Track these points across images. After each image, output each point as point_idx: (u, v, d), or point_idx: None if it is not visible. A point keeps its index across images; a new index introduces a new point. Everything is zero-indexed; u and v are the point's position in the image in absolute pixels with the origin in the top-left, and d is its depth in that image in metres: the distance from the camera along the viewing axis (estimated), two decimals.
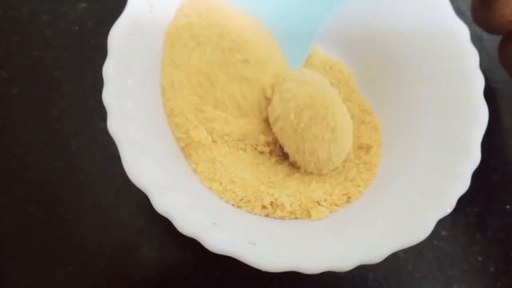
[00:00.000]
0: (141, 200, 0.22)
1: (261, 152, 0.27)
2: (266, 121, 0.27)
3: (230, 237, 0.21)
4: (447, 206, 0.22)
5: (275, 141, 0.27)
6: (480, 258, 0.29)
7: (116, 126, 0.22)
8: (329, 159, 0.26)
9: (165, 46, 0.26)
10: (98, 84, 0.23)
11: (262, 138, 0.27)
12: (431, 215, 0.22)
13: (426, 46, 0.27)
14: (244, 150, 0.26)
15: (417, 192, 0.24)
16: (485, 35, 0.36)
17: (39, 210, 0.28)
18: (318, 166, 0.26)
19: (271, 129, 0.27)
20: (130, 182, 0.21)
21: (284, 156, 0.28)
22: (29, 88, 0.31)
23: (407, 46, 0.28)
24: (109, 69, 0.23)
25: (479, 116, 0.24)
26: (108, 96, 0.22)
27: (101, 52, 0.24)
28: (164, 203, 0.21)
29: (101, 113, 0.22)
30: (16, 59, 0.32)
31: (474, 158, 0.23)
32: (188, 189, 0.24)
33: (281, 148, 0.27)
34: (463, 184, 0.23)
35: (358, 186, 0.26)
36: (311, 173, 0.27)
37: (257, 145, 0.27)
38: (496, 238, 0.30)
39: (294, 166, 0.27)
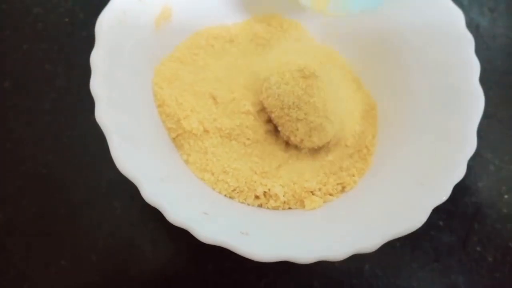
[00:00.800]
0: (134, 193, 0.22)
1: (255, 141, 0.27)
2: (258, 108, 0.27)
3: (221, 228, 0.21)
4: (443, 194, 0.22)
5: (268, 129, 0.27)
6: (478, 249, 0.29)
7: (104, 115, 0.21)
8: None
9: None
10: (90, 76, 0.22)
11: (253, 130, 0.27)
12: (427, 202, 0.21)
13: (422, 33, 0.26)
14: (236, 140, 0.26)
15: (412, 180, 0.23)
16: (482, 23, 0.36)
17: (32, 204, 0.28)
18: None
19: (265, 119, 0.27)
20: (122, 175, 0.21)
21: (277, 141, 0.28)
22: (21, 81, 0.31)
23: (403, 33, 0.27)
24: (96, 58, 0.23)
25: (475, 104, 0.23)
26: (96, 86, 0.22)
27: (93, 45, 0.23)
28: (154, 194, 0.20)
29: (93, 106, 0.22)
30: (8, 52, 0.32)
31: (470, 146, 0.23)
32: (179, 180, 0.23)
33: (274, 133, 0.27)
34: (459, 172, 0.22)
35: (353, 175, 0.26)
36: (305, 157, 0.27)
37: (248, 138, 0.27)
38: (494, 228, 0.30)
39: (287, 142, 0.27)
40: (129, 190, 0.28)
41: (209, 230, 0.20)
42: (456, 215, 0.30)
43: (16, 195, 0.28)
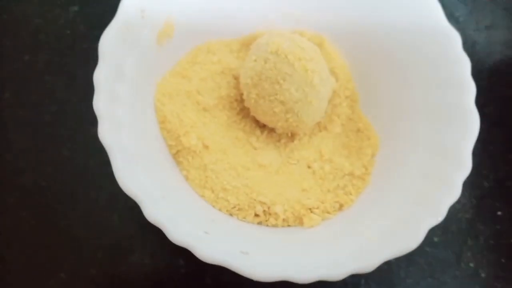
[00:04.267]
0: (133, 205, 0.22)
1: (255, 149, 0.28)
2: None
3: (222, 247, 0.21)
4: (439, 214, 0.22)
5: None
6: (471, 264, 0.30)
7: (106, 134, 0.21)
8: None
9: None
10: (90, 88, 0.23)
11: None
12: (423, 224, 0.22)
13: (419, 53, 0.27)
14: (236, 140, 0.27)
15: (408, 200, 0.24)
16: (479, 40, 0.37)
17: (31, 216, 0.28)
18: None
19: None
20: (122, 189, 0.21)
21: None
22: (21, 92, 0.31)
23: (400, 52, 0.28)
24: (100, 76, 0.23)
25: (470, 125, 0.24)
26: (99, 104, 0.22)
27: (94, 56, 0.23)
28: (156, 212, 0.21)
29: (93, 118, 0.22)
30: (8, 62, 0.32)
31: (465, 167, 0.23)
32: (180, 198, 0.24)
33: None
34: (454, 193, 0.23)
35: (350, 194, 0.26)
36: (305, 178, 0.27)
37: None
38: (488, 244, 0.30)
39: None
40: (128, 203, 0.28)
41: (209, 250, 0.20)
42: (451, 231, 0.30)
43: (16, 207, 0.28)
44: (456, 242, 0.30)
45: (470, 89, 0.25)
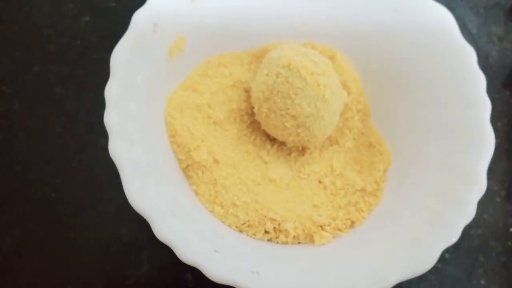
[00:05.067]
0: (142, 218, 0.22)
1: (265, 162, 0.28)
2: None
3: (232, 266, 0.21)
4: (453, 235, 0.22)
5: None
6: (483, 282, 0.29)
7: (118, 150, 0.21)
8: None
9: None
10: (100, 99, 0.22)
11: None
12: (437, 244, 0.22)
13: (433, 69, 0.26)
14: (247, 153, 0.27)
15: (422, 220, 0.23)
16: (491, 52, 0.36)
17: (40, 228, 0.28)
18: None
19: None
20: None
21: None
22: (31, 103, 0.31)
23: (414, 67, 0.27)
24: (111, 91, 0.23)
25: (486, 144, 0.23)
26: (110, 119, 0.22)
27: (104, 68, 0.23)
28: (166, 231, 0.20)
29: (103, 130, 0.22)
30: (18, 73, 0.32)
31: (480, 186, 0.23)
32: (189, 214, 0.23)
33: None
34: (468, 213, 0.22)
35: (362, 211, 0.26)
36: (316, 193, 0.27)
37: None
38: (500, 261, 0.30)
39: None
40: (137, 215, 0.28)
41: (220, 270, 0.20)
42: (462, 247, 0.30)
43: (24, 218, 0.28)
44: (468, 258, 0.30)
45: (485, 107, 0.24)
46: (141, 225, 0.28)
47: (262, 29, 0.30)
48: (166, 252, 0.28)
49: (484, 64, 0.35)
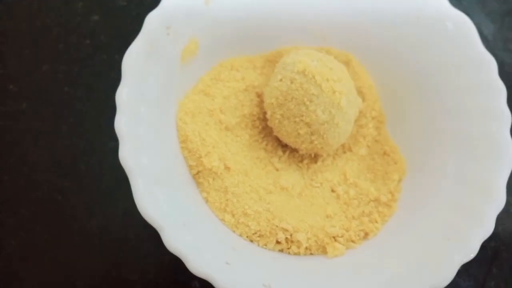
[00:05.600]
0: (149, 224, 0.22)
1: (277, 170, 0.27)
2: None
3: (243, 279, 0.20)
4: (471, 251, 0.21)
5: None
6: None
7: (128, 156, 0.21)
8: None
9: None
10: (109, 100, 0.22)
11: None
12: (454, 260, 0.21)
13: (453, 78, 0.26)
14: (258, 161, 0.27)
15: (438, 233, 0.23)
16: (507, 60, 0.35)
17: (46, 230, 0.28)
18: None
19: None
20: None
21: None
22: (39, 103, 0.31)
23: (433, 75, 0.27)
24: (122, 95, 0.22)
25: (506, 157, 0.23)
26: (121, 125, 0.21)
27: (114, 68, 0.23)
28: (176, 242, 0.20)
29: (112, 132, 0.21)
30: (26, 73, 0.31)
31: (499, 201, 0.22)
32: (200, 224, 0.23)
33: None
34: (487, 228, 0.22)
35: (376, 222, 0.25)
36: (328, 202, 0.26)
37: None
38: None
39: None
40: (144, 220, 0.28)
41: (231, 283, 0.20)
42: (475, 259, 0.29)
43: (30, 221, 0.28)
44: (480, 270, 0.29)
45: (506, 119, 0.24)
46: (149, 229, 0.28)
47: (276, 33, 0.29)
48: (173, 259, 0.28)
49: (500, 71, 0.34)
